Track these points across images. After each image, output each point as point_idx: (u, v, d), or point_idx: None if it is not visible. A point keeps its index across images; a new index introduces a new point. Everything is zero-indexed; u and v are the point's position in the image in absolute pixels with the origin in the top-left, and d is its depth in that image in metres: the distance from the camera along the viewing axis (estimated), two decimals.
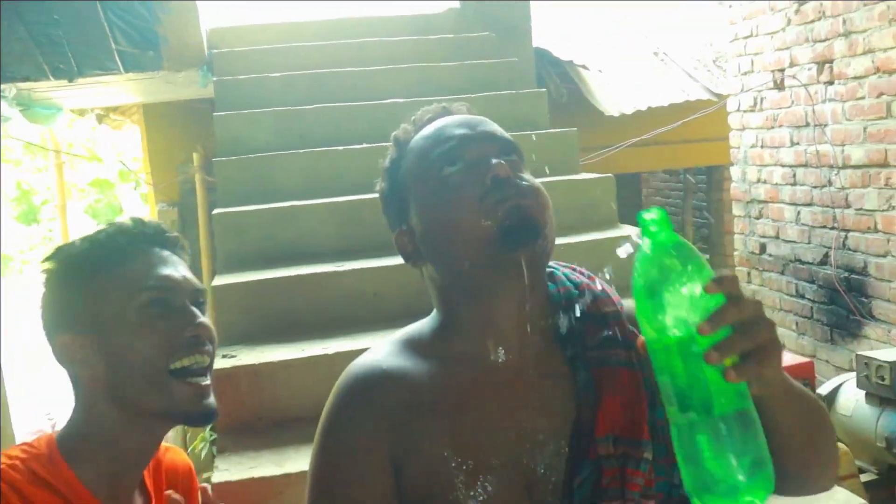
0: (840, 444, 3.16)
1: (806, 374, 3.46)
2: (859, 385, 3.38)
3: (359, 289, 2.34)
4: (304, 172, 2.85)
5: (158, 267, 1.21)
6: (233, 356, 2.08)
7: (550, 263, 1.21)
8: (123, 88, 4.96)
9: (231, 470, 1.79)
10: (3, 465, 1.12)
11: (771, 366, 0.91)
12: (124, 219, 1.29)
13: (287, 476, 1.77)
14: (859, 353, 3.41)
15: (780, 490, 1.05)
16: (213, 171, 5.55)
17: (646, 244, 0.91)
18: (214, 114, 3.20)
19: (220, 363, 2.06)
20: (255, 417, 2.01)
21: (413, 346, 1.18)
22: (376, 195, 1.86)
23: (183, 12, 3.60)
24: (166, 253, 1.23)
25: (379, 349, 1.19)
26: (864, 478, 3.40)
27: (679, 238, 0.91)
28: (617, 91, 5.78)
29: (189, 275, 1.24)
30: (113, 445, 1.18)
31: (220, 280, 2.34)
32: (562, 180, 2.92)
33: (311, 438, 1.79)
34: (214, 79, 3.49)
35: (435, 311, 1.19)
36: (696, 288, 0.87)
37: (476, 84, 3.51)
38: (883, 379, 3.20)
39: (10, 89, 4.16)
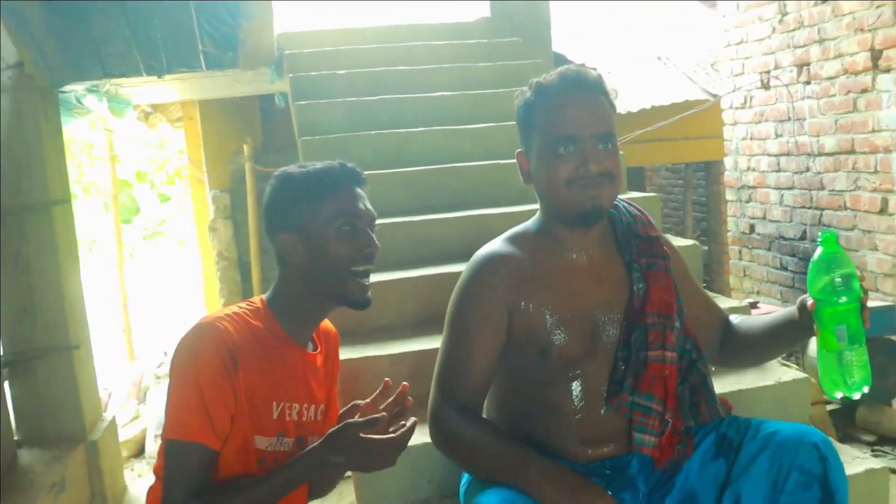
0: (811, 379, 3.82)
1: None
2: None
3: (426, 233, 3.02)
4: (373, 149, 3.52)
5: (355, 200, 1.67)
6: None
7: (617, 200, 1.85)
8: (184, 86, 5.57)
9: (349, 353, 2.47)
10: (221, 317, 1.63)
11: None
12: (333, 161, 1.73)
13: (390, 356, 2.45)
14: None
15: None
16: (263, 160, 6.25)
17: (819, 251, 1.59)
18: (295, 103, 3.86)
19: None
20: (355, 325, 2.67)
21: (519, 240, 1.83)
22: (434, 167, 2.60)
23: (261, 18, 4.24)
24: (359, 190, 1.70)
25: (495, 242, 1.85)
26: (829, 408, 4.06)
27: (840, 249, 1.59)
28: (624, 91, 6.44)
29: (370, 206, 1.71)
30: (299, 308, 1.71)
31: None
32: None
33: (399, 338, 2.47)
34: (290, 75, 4.13)
35: (538, 214, 1.84)
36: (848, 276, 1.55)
37: (507, 81, 4.17)
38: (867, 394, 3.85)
39: (104, 84, 4.80)
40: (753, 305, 4.21)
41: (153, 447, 5.83)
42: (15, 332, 3.88)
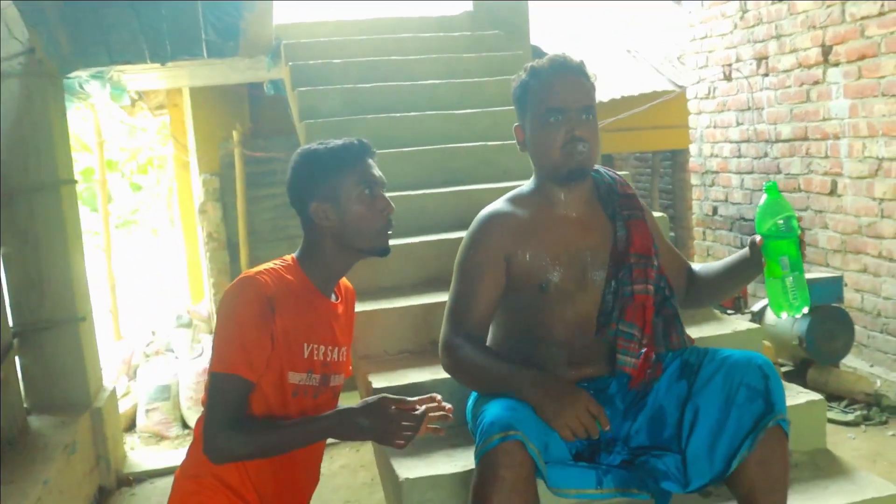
0: (766, 343, 4.20)
1: (741, 293, 4.51)
2: None
3: (423, 206, 3.34)
4: (370, 132, 3.73)
5: (371, 169, 1.93)
6: None
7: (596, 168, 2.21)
8: (181, 73, 5.74)
9: (362, 307, 2.78)
10: (261, 272, 1.87)
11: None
12: (349, 138, 1.94)
13: (398, 308, 2.79)
14: None
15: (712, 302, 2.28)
16: (251, 146, 6.45)
17: (764, 198, 1.91)
18: (296, 89, 4.13)
19: None
20: (365, 286, 2.98)
21: (516, 199, 2.18)
22: (428, 147, 2.92)
23: (262, 9, 4.46)
24: (371, 160, 1.94)
25: (496, 203, 2.19)
26: (783, 369, 4.45)
27: (781, 196, 1.91)
28: (595, 81, 6.76)
29: (381, 173, 1.96)
30: (327, 265, 1.95)
31: None
32: None
33: (402, 295, 2.76)
34: (290, 63, 4.38)
35: (532, 177, 2.19)
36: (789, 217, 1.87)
37: (490, 70, 4.49)
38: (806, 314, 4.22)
39: (109, 70, 5.00)
40: None
41: (144, 422, 6.01)
42: (23, 306, 4.07)
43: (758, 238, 1.94)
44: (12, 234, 3.99)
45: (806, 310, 1.92)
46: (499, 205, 2.18)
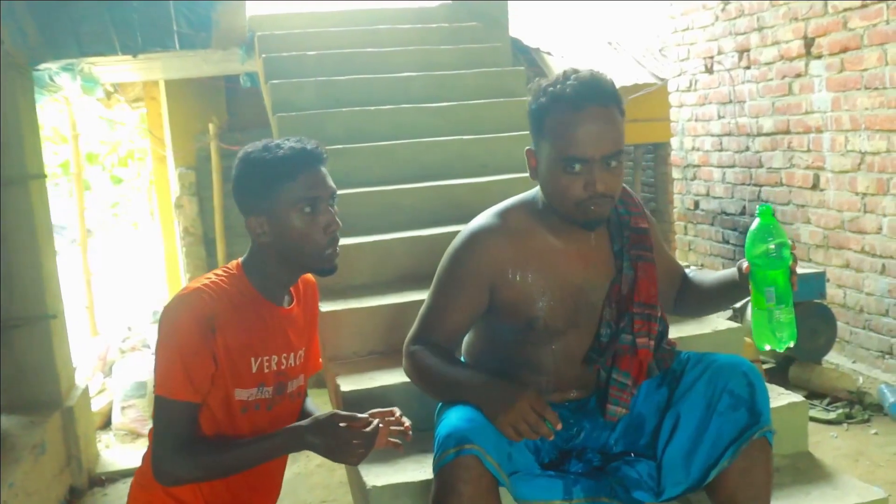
0: (748, 341, 4.15)
1: None
2: None
3: (398, 202, 3.28)
4: (344, 125, 3.75)
5: (313, 182, 1.73)
6: None
7: None
8: (153, 66, 5.66)
9: (331, 307, 2.72)
10: (201, 287, 1.74)
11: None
12: (298, 138, 1.77)
13: (368, 308, 2.72)
14: None
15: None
16: (228, 139, 6.37)
17: (756, 222, 1.75)
18: (268, 82, 4.06)
19: None
20: (334, 283, 2.91)
21: (513, 214, 1.95)
22: (403, 141, 2.80)
23: (234, 1, 4.40)
24: (319, 168, 1.75)
25: (489, 215, 1.96)
26: (765, 367, 4.41)
27: (775, 221, 1.75)
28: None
29: (330, 182, 1.76)
30: (273, 274, 1.81)
31: None
32: None
33: (375, 294, 2.69)
34: (263, 56, 4.31)
35: (538, 192, 1.95)
36: (781, 245, 1.72)
37: (469, 63, 4.42)
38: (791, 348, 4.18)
39: (79, 63, 4.91)
40: None
41: (120, 419, 5.93)
42: None
43: (745, 264, 1.79)
44: None
45: (791, 344, 1.78)
46: (492, 220, 1.96)
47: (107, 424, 5.92)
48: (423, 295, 2.08)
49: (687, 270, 2.19)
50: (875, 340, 4.44)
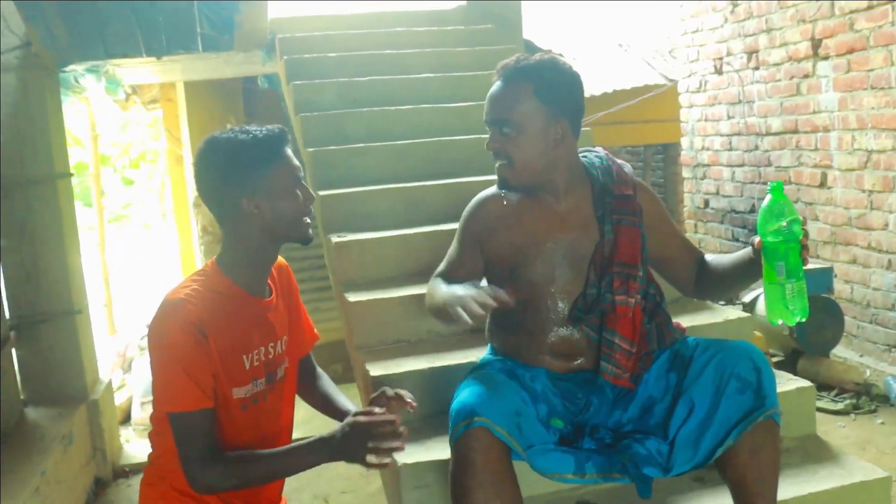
0: (757, 334, 4.26)
1: None
2: None
3: (418, 198, 3.39)
4: (365, 125, 3.86)
5: (293, 159, 1.83)
6: (343, 236, 3.11)
7: (593, 151, 2.18)
8: (175, 67, 5.74)
9: (359, 297, 2.85)
10: (183, 298, 1.74)
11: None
12: (269, 125, 1.82)
13: (398, 298, 2.84)
14: None
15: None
16: None
17: (768, 198, 1.81)
18: (291, 83, 4.16)
19: (335, 239, 3.09)
20: (360, 277, 3.03)
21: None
22: (422, 140, 2.94)
23: (257, 3, 4.49)
24: (291, 149, 1.84)
25: (492, 187, 2.17)
26: (774, 360, 4.50)
27: (785, 197, 1.80)
28: (588, 75, 6.81)
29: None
30: (255, 259, 1.84)
31: (323, 193, 3.36)
32: None
33: (399, 286, 2.80)
34: (285, 57, 4.42)
35: None
36: (792, 221, 1.77)
37: (483, 64, 4.51)
38: (803, 323, 4.27)
39: (104, 64, 5.01)
40: None
41: (139, 414, 6.01)
42: (20, 298, 4.10)
43: (756, 240, 1.86)
44: (9, 228, 4.01)
45: (804, 319, 1.83)
46: (490, 189, 2.20)
47: (126, 420, 6.01)
48: None
49: (706, 256, 2.24)
50: (882, 334, 4.54)
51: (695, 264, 2.20)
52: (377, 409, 1.78)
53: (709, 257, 2.22)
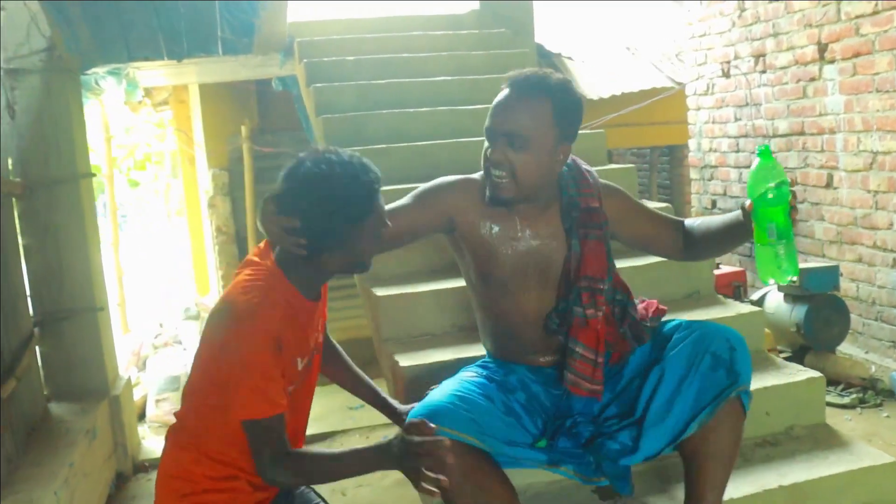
0: (766, 331, 4.35)
1: (740, 278, 4.68)
2: (779, 289, 4.58)
3: None
4: (385, 126, 3.95)
5: (384, 209, 1.90)
6: None
7: (567, 163, 2.12)
8: (192, 70, 5.80)
9: (391, 291, 2.95)
10: (256, 302, 1.77)
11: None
12: (361, 161, 1.86)
13: (417, 293, 2.95)
14: None
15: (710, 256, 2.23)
16: (259, 141, 6.56)
17: (756, 162, 1.87)
18: (311, 85, 4.25)
19: None
20: (383, 271, 3.13)
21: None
22: (442, 141, 3.33)
23: (277, 7, 4.57)
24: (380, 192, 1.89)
25: (469, 176, 2.17)
26: (782, 356, 4.58)
27: (773, 160, 1.84)
28: (596, 78, 6.90)
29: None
30: (324, 278, 1.93)
31: None
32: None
33: (423, 282, 2.89)
34: (305, 60, 4.51)
35: None
36: (780, 183, 1.82)
37: (497, 68, 4.60)
38: (795, 282, 4.39)
39: (126, 67, 5.09)
40: (715, 267, 4.72)
41: (154, 411, 6.10)
42: (43, 295, 4.14)
43: (747, 202, 1.91)
44: (33, 227, 4.07)
45: (794, 278, 1.89)
46: (472, 175, 2.19)
47: (140, 417, 6.08)
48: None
49: (687, 220, 2.25)
50: (887, 331, 4.64)
51: (678, 233, 2.22)
52: (431, 425, 1.75)
53: (691, 221, 2.23)
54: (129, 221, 14.48)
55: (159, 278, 10.56)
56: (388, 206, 2.01)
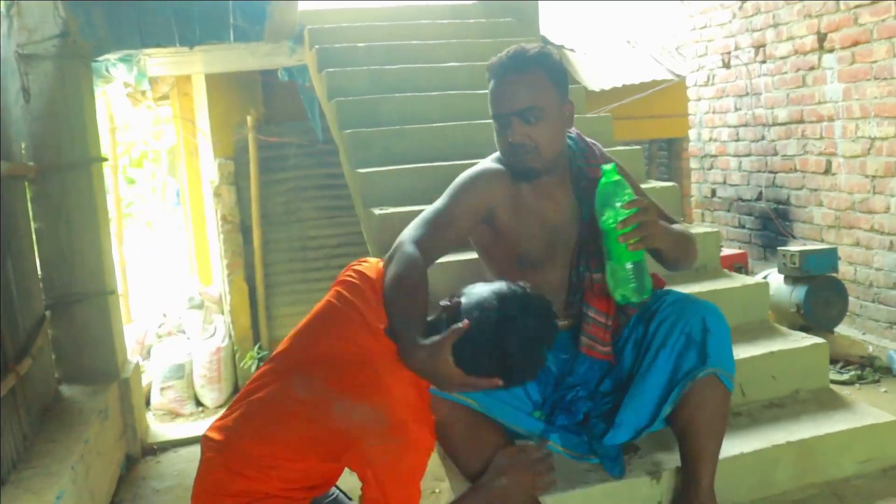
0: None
1: (741, 260, 4.77)
2: (780, 271, 4.67)
3: (453, 174, 3.54)
4: (398, 109, 4.04)
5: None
6: (385, 209, 3.29)
7: (573, 137, 2.21)
8: (201, 58, 5.82)
9: None
10: (412, 409, 1.77)
11: (652, 240, 1.88)
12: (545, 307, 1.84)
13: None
14: (779, 248, 4.71)
15: (668, 269, 2.25)
16: (264, 131, 6.61)
17: (602, 180, 1.91)
18: (324, 70, 4.32)
19: (378, 211, 3.26)
20: None
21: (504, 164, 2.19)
22: (455, 123, 3.40)
23: None
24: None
25: (491, 159, 2.24)
26: None
27: (619, 178, 1.87)
28: (597, 70, 6.97)
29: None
30: None
31: (363, 171, 3.55)
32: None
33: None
34: (316, 47, 4.57)
35: None
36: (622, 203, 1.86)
37: None
38: (795, 264, 4.49)
39: (138, 54, 5.14)
40: None
41: (159, 399, 6.15)
42: (55, 279, 4.18)
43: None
44: (46, 211, 4.11)
45: (647, 298, 1.96)
46: (490, 164, 2.23)
47: (146, 405, 6.13)
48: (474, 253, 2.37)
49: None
50: (884, 312, 4.74)
51: None
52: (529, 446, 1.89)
53: None
54: (126, 218, 14.49)
55: (162, 269, 10.58)
56: (430, 214, 2.12)
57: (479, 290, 1.84)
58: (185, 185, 8.36)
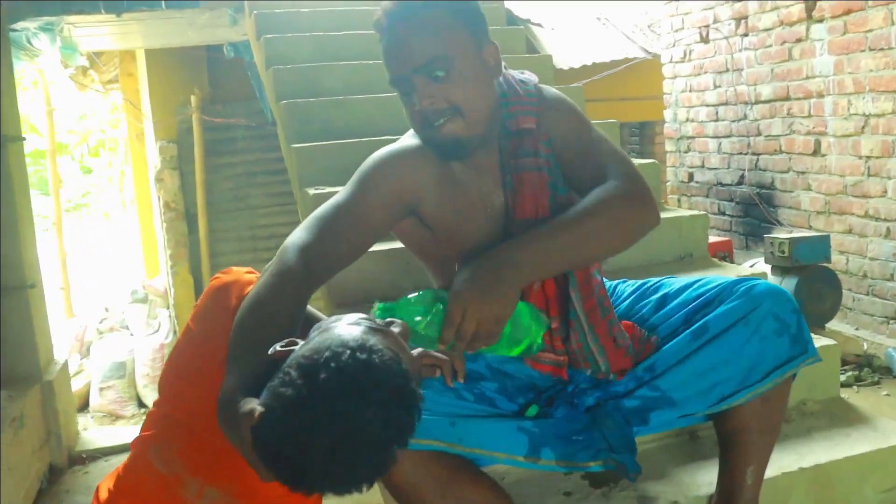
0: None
1: (726, 248, 4.45)
2: (766, 260, 4.33)
3: None
4: (343, 79, 3.64)
5: None
6: (321, 189, 2.87)
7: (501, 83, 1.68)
8: (135, 29, 5.48)
9: None
10: None
11: (491, 337, 1.47)
12: None
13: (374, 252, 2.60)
14: (766, 236, 4.37)
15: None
16: (210, 112, 6.26)
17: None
18: (263, 37, 3.91)
19: (313, 191, 2.85)
20: None
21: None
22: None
23: None
24: None
25: (407, 137, 1.71)
26: None
27: (394, 306, 1.47)
28: (566, 48, 6.68)
29: None
30: None
31: (298, 146, 3.13)
32: None
33: (388, 240, 2.56)
34: (255, 12, 4.17)
35: None
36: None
37: None
38: (783, 252, 4.15)
39: (59, 23, 4.74)
40: None
41: (98, 400, 5.88)
42: None
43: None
44: None
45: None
46: (409, 139, 1.71)
47: (84, 407, 5.86)
48: None
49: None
50: (879, 306, 4.42)
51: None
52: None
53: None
54: (82, 209, 14.19)
55: (107, 262, 10.28)
56: (328, 210, 1.61)
57: (304, 347, 1.24)
58: (129, 171, 8.01)
